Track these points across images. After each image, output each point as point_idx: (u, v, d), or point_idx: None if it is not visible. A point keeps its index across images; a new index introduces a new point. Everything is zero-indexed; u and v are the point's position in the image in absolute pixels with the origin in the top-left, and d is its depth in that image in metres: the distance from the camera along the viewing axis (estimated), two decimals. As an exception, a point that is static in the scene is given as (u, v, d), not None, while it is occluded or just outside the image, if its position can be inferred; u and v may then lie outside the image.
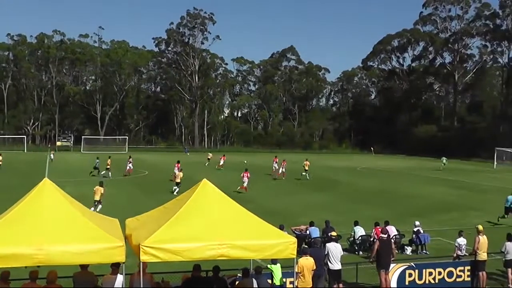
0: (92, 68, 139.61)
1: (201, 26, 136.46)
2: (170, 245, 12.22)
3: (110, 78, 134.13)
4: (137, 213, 15.87)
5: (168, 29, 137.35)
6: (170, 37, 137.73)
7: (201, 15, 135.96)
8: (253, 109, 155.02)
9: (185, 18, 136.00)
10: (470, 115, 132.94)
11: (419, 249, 25.51)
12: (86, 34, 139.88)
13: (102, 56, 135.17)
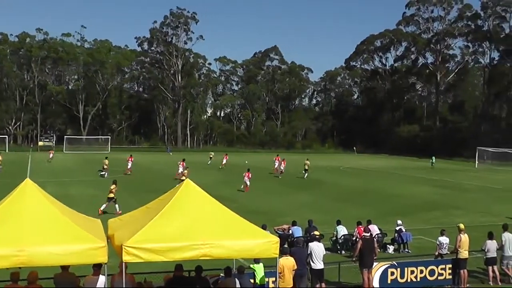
0: (74, 67, 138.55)
1: (184, 26, 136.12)
2: (152, 245, 12.17)
3: (93, 77, 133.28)
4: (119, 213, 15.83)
5: (151, 29, 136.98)
6: (153, 36, 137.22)
7: (184, 14, 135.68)
8: (236, 109, 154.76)
9: (168, 17, 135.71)
10: (452, 115, 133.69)
11: (401, 248, 25.60)
12: (68, 33, 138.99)
13: (84, 55, 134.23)
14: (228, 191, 45.45)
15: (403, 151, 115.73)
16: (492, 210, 40.06)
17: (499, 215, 36.89)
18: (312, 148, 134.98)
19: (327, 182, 56.86)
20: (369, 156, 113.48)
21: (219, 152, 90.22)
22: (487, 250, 20.52)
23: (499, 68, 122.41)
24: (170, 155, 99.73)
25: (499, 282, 20.55)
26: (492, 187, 57.15)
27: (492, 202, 44.88)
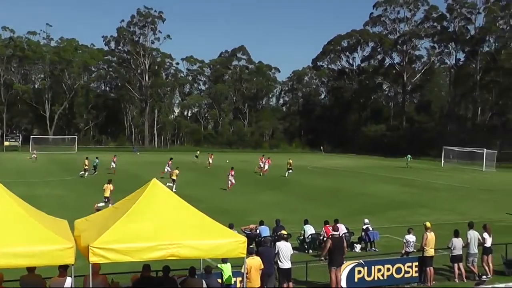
0: (41, 66, 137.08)
1: (151, 25, 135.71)
2: (119, 245, 12.03)
3: (59, 76, 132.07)
4: (86, 214, 15.69)
5: (118, 28, 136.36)
6: (120, 35, 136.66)
7: (151, 14, 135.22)
8: (203, 109, 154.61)
9: (135, 17, 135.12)
10: (419, 115, 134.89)
11: (368, 247, 25.70)
12: (34, 31, 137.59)
13: (51, 54, 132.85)
14: (196, 191, 45.31)
15: (370, 150, 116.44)
16: (458, 208, 40.45)
17: (465, 213, 37.28)
18: (280, 148, 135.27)
19: (295, 182, 56.90)
20: (336, 156, 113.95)
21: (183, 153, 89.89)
22: (453, 247, 20.71)
23: (465, 68, 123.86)
24: (137, 154, 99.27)
25: (465, 279, 20.75)
26: (458, 185, 57.74)
27: (458, 200, 45.35)
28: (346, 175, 67.76)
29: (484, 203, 44.29)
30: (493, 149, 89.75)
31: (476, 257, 21.21)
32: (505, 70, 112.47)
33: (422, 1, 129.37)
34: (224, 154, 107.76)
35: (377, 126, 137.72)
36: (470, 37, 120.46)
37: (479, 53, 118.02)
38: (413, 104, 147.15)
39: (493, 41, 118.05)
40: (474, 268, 21.10)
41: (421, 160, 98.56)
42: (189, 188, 45.61)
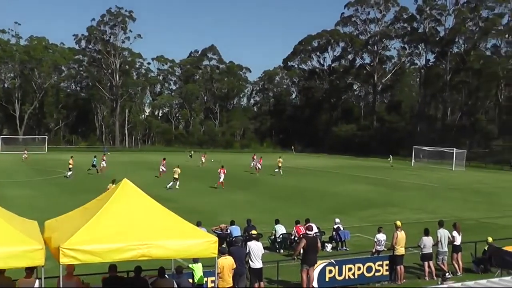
0: (11, 65, 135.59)
1: (122, 24, 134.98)
2: (90, 246, 11.91)
3: (29, 75, 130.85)
4: (56, 215, 15.50)
5: (88, 27, 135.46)
6: (91, 34, 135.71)
7: (122, 13, 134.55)
8: (174, 108, 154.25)
9: (105, 16, 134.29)
10: (389, 115, 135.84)
11: (339, 246, 25.74)
12: (3, 29, 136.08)
13: (21, 53, 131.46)
14: (166, 190, 45.12)
15: (341, 150, 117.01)
16: (428, 207, 40.76)
17: (435, 212, 37.61)
18: (251, 148, 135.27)
19: (266, 181, 56.91)
20: (307, 156, 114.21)
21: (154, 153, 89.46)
22: (423, 246, 20.85)
23: (435, 69, 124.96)
24: (108, 154, 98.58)
25: (435, 277, 20.90)
26: (428, 185, 58.16)
27: (428, 199, 45.66)
28: (317, 174, 67.92)
29: (453, 201, 44.67)
30: (463, 148, 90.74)
31: (446, 255, 21.38)
32: (474, 71, 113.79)
33: (393, 2, 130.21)
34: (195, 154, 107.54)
35: (348, 126, 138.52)
36: (439, 38, 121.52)
37: (448, 54, 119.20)
38: (383, 104, 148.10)
39: (463, 42, 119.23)
40: (444, 266, 21.28)
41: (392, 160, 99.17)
42: (160, 188, 45.37)
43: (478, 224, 33.44)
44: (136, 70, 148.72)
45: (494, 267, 20.82)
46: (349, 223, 30.17)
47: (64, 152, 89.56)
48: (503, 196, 49.48)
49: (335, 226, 25.99)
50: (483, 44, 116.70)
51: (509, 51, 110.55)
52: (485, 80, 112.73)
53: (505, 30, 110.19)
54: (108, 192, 14.27)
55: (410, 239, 21.67)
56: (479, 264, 22.00)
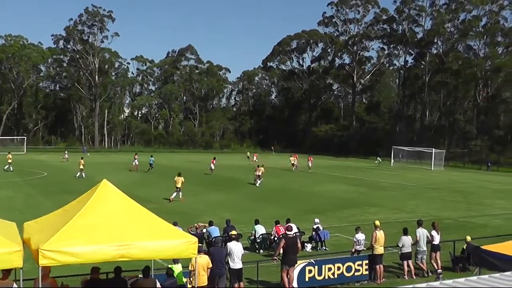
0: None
1: (100, 24, 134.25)
2: (69, 248, 11.83)
3: (7, 75, 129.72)
4: (36, 216, 15.40)
5: (67, 27, 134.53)
6: (69, 34, 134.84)
7: (100, 13, 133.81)
8: (154, 109, 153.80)
9: (83, 15, 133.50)
10: (368, 115, 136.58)
11: (319, 246, 25.75)
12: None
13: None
14: (146, 191, 44.91)
15: (320, 150, 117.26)
16: (406, 206, 40.94)
17: (414, 211, 37.81)
18: (230, 148, 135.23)
19: (245, 182, 56.81)
20: (286, 156, 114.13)
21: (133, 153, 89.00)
22: (402, 245, 20.97)
23: (413, 70, 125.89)
24: (87, 155, 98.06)
25: (414, 276, 21.01)
26: (407, 184, 58.42)
27: (406, 199, 45.87)
28: (296, 174, 67.95)
29: (432, 201, 44.92)
30: (441, 148, 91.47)
31: (425, 254, 21.52)
32: (452, 72, 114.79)
33: (373, 4, 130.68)
34: (174, 155, 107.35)
35: (327, 126, 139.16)
36: (418, 40, 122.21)
37: (427, 55, 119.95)
38: (363, 104, 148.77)
39: (441, 44, 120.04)
40: (423, 265, 21.42)
41: (370, 160, 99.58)
42: (138, 189, 45.16)
43: (456, 223, 33.64)
44: (115, 70, 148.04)
45: (473, 265, 20.92)
46: (328, 223, 30.24)
47: (43, 153, 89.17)
48: (481, 196, 49.82)
49: (314, 226, 25.99)
50: (462, 45, 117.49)
51: (487, 53, 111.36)
52: (463, 81, 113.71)
53: (482, 32, 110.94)
54: (87, 193, 14.16)
55: (389, 238, 21.81)
56: (457, 263, 22.14)
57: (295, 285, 19.08)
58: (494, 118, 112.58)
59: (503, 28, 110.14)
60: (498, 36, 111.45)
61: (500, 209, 39.89)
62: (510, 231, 23.02)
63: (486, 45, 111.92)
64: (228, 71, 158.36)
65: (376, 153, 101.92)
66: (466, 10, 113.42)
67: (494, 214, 38.08)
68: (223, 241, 20.87)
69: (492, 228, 31.64)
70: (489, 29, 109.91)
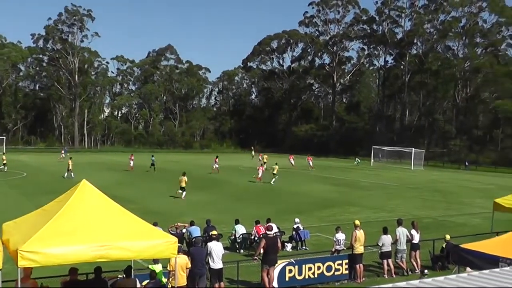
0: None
1: (80, 23, 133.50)
2: (48, 249, 11.78)
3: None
4: (15, 217, 15.27)
5: (46, 26, 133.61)
6: (49, 33, 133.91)
7: (80, 12, 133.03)
8: (134, 109, 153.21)
9: (63, 14, 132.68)
10: (348, 115, 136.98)
11: (299, 246, 25.78)
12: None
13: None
14: (126, 192, 44.71)
15: (301, 150, 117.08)
16: (386, 206, 41.14)
17: (393, 211, 38.01)
18: (210, 148, 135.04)
19: (226, 182, 56.75)
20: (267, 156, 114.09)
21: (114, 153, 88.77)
22: (382, 244, 21.08)
23: (393, 70, 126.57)
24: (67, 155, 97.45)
25: (394, 274, 21.12)
26: (387, 184, 58.67)
27: (386, 198, 46.08)
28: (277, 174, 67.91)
29: (412, 200, 45.18)
30: (421, 148, 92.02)
31: (405, 253, 21.67)
32: (432, 72, 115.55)
33: (353, 4, 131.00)
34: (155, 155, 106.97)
35: (307, 126, 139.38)
36: (398, 40, 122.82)
37: (407, 55, 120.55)
38: (343, 104, 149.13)
39: (421, 44, 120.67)
40: (403, 263, 21.55)
41: (350, 159, 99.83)
42: (118, 189, 44.96)
43: (436, 222, 33.87)
44: (95, 70, 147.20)
45: (452, 264, 21.04)
46: (308, 223, 30.30)
47: (22, 153, 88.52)
48: (460, 195, 50.16)
49: (294, 226, 26.03)
50: (441, 46, 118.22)
51: (466, 53, 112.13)
52: (442, 81, 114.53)
53: (461, 33, 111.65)
54: (67, 194, 14.11)
55: (369, 237, 21.91)
56: (437, 261, 22.30)
57: (276, 284, 19.10)
58: (473, 118, 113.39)
59: (482, 29, 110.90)
60: (477, 37, 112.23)
61: (479, 208, 40.13)
62: (488, 229, 23.18)
63: (465, 46, 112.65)
64: (208, 70, 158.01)
65: (356, 152, 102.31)
66: (445, 11, 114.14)
67: (473, 213, 38.35)
68: (204, 241, 20.85)
69: (471, 227, 31.87)
70: (468, 30, 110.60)
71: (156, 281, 15.58)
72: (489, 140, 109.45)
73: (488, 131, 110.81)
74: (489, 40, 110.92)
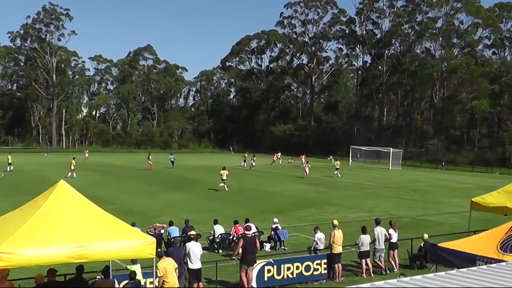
0: None
1: (57, 23, 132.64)
2: (26, 250, 11.67)
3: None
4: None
5: (23, 24, 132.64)
6: (26, 32, 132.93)
7: (57, 11, 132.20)
8: (112, 109, 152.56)
9: (41, 13, 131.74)
10: (326, 115, 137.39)
11: (278, 246, 25.78)
12: None
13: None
14: (104, 192, 44.55)
15: (279, 150, 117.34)
16: (365, 205, 41.28)
17: (372, 210, 38.15)
18: (189, 148, 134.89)
19: (203, 182, 56.65)
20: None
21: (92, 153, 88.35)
22: (360, 244, 21.15)
23: (371, 70, 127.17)
24: (45, 156, 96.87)
25: (372, 274, 21.20)
26: (365, 183, 58.86)
27: (364, 198, 46.22)
28: (255, 174, 67.98)
29: (390, 200, 45.39)
30: (399, 148, 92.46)
31: (383, 252, 21.76)
32: (409, 72, 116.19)
33: (331, 5, 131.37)
34: (132, 155, 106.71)
35: (286, 126, 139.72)
36: (376, 41, 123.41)
37: (385, 56, 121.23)
38: (321, 104, 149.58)
39: (399, 45, 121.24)
40: (381, 263, 21.66)
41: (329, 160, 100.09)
42: (96, 189, 44.78)
43: (414, 221, 34.05)
44: (72, 69, 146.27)
45: (430, 263, 21.18)
46: (287, 223, 30.36)
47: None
48: (438, 194, 50.43)
49: (273, 225, 26.04)
50: (418, 46, 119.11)
51: (443, 54, 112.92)
52: (420, 81, 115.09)
53: (438, 34, 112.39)
54: (44, 194, 13.98)
55: (348, 237, 21.99)
56: (415, 260, 22.41)
57: (254, 284, 19.09)
58: (450, 118, 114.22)
59: (458, 30, 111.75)
60: (453, 38, 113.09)
61: (457, 207, 40.38)
62: (466, 228, 23.29)
63: (442, 46, 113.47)
64: (185, 70, 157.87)
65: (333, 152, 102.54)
66: (422, 12, 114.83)
67: (450, 212, 38.60)
68: (182, 241, 20.79)
69: (449, 226, 32.09)
70: (445, 31, 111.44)
71: (135, 282, 15.50)
72: (466, 140, 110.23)
73: (465, 131, 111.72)
74: (465, 41, 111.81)
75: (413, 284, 7.98)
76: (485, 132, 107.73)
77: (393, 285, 7.97)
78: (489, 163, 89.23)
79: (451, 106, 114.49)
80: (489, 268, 9.06)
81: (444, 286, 7.89)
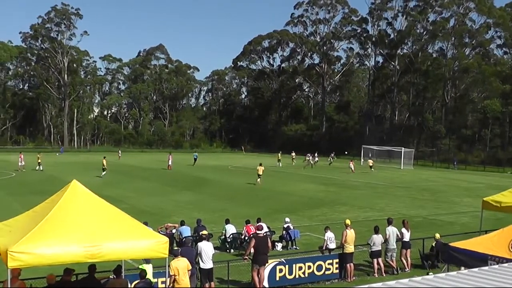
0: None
1: (68, 22, 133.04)
2: (38, 249, 11.67)
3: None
4: (4, 218, 15.20)
5: (34, 24, 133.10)
6: (37, 32, 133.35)
7: (68, 10, 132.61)
8: (123, 108, 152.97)
9: (51, 13, 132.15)
10: (338, 115, 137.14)
11: (289, 245, 25.76)
12: None
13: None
14: (116, 191, 44.65)
15: (291, 150, 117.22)
16: (376, 205, 41.17)
17: (383, 210, 38.05)
18: (200, 148, 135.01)
19: (216, 181, 56.77)
20: (257, 155, 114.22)
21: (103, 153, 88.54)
22: (372, 243, 21.12)
23: (383, 70, 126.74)
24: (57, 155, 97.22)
25: (384, 273, 21.17)
26: (377, 183, 58.71)
27: (377, 197, 46.11)
28: (267, 174, 67.58)
29: (402, 199, 45.26)
30: (410, 147, 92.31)
31: (395, 252, 21.71)
32: (421, 72, 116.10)
33: (343, 4, 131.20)
34: (144, 154, 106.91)
35: (297, 125, 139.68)
36: (389, 40, 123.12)
37: (397, 55, 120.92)
38: (333, 104, 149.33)
39: (411, 45, 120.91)
40: (393, 262, 21.61)
41: (340, 159, 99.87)
42: (109, 189, 44.90)
43: (425, 221, 33.95)
44: (84, 69, 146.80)
45: (441, 262, 21.15)
46: (299, 222, 30.36)
47: (11, 153, 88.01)
48: (449, 194, 50.28)
49: (285, 225, 26.02)
50: (431, 46, 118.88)
51: (455, 54, 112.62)
52: (432, 81, 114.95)
53: (451, 33, 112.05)
54: (57, 194, 14.00)
55: (359, 236, 21.97)
56: (426, 260, 22.37)
57: (266, 284, 19.09)
58: (462, 118, 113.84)
59: (470, 30, 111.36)
60: (465, 38, 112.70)
61: (468, 207, 40.28)
62: (477, 228, 23.27)
63: (454, 46, 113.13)
64: (197, 70, 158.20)
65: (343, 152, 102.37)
66: (436, 12, 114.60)
67: (462, 212, 38.48)
68: (194, 241, 20.83)
69: (460, 225, 32.01)
70: (457, 30, 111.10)
71: (145, 281, 15.54)
72: (478, 140, 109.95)
73: (477, 130, 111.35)
74: (477, 40, 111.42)
75: (425, 283, 8.00)
76: (497, 131, 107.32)
77: (405, 284, 7.99)
78: (500, 162, 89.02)
79: (462, 105, 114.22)
80: (501, 267, 9.06)
81: (456, 286, 7.91)
